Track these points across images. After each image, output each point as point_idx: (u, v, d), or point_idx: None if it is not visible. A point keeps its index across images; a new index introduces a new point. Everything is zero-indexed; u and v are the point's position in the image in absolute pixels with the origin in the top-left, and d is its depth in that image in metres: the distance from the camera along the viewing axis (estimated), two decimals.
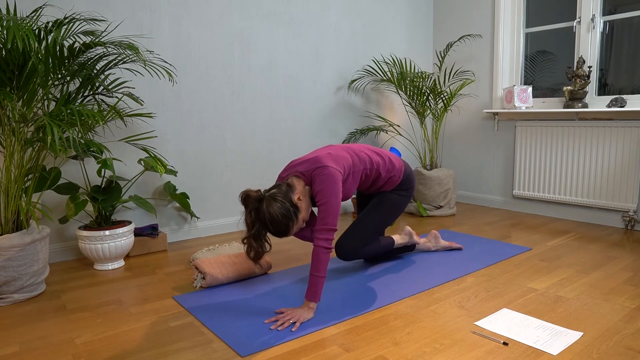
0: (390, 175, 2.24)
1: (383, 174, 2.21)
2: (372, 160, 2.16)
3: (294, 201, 1.83)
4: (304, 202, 1.89)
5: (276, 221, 1.78)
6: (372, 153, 2.20)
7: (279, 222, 1.79)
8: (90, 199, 2.40)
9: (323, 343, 1.61)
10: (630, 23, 3.17)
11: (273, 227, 1.80)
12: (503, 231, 3.11)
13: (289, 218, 1.80)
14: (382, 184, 2.25)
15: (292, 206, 1.82)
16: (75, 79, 2.27)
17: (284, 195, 1.82)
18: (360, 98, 3.86)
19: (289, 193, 1.84)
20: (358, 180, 2.10)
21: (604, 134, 3.19)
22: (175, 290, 2.13)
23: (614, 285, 2.10)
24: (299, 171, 1.95)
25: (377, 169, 2.17)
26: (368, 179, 2.19)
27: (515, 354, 1.52)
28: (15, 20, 1.76)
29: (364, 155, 2.14)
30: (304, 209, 1.89)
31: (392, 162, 2.25)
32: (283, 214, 1.79)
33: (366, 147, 2.23)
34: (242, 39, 3.15)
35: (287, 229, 1.82)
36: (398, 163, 2.28)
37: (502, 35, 3.77)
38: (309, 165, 1.93)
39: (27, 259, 2.00)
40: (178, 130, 2.95)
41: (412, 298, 2.00)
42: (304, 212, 1.88)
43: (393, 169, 2.24)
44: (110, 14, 2.63)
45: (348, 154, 2.08)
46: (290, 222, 1.81)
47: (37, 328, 1.77)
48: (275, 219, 1.78)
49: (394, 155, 2.32)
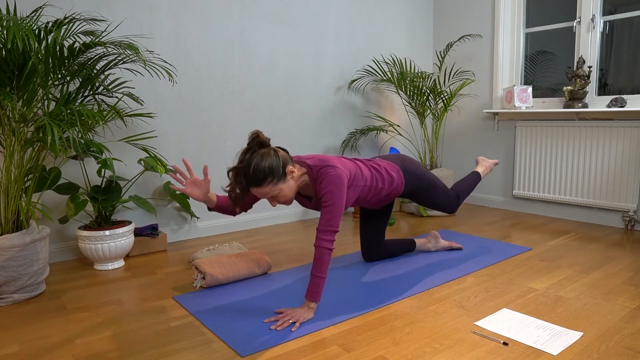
0: (392, 187, 2.21)
1: (385, 186, 2.18)
2: (373, 177, 2.13)
3: (287, 170, 1.80)
4: (292, 182, 1.84)
5: (259, 168, 1.71)
6: (370, 169, 2.16)
7: (261, 170, 1.72)
8: (90, 199, 2.40)
9: (323, 343, 1.61)
10: (630, 23, 3.17)
11: (252, 172, 1.72)
12: (503, 231, 3.11)
13: (270, 174, 1.73)
14: (385, 196, 2.23)
15: (283, 171, 1.78)
16: (75, 79, 2.27)
17: (284, 159, 1.79)
18: (360, 98, 3.86)
19: (289, 162, 1.81)
20: (356, 194, 2.07)
21: (604, 134, 3.19)
22: (175, 290, 2.13)
23: (614, 285, 2.10)
24: (305, 162, 1.93)
25: (376, 185, 2.14)
26: (370, 195, 2.15)
27: (515, 354, 1.52)
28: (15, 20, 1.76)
29: (367, 173, 2.10)
30: (289, 186, 1.83)
31: (390, 175, 2.20)
32: (270, 165, 1.73)
33: (364, 163, 2.18)
34: (242, 39, 3.15)
35: (261, 181, 1.73)
36: (397, 175, 2.23)
37: (502, 35, 3.77)
38: (317, 161, 1.92)
39: (27, 259, 2.00)
40: (178, 130, 2.95)
41: (412, 298, 2.00)
42: (286, 188, 1.81)
43: (392, 181, 2.21)
44: (110, 14, 2.64)
45: (354, 165, 2.07)
46: (268, 178, 1.73)
47: (37, 328, 1.77)
48: (260, 166, 1.72)
49: (390, 165, 2.25)
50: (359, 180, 2.05)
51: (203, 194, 1.89)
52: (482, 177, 2.70)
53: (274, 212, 3.45)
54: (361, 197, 2.12)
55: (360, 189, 2.07)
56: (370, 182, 2.11)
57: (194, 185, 1.88)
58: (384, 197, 2.23)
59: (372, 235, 2.44)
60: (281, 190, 1.81)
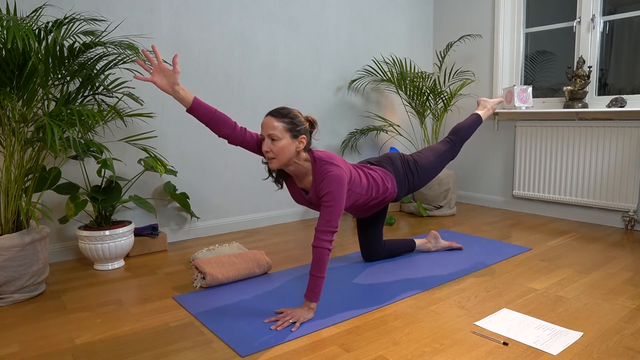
0: (385, 196, 2.21)
1: (379, 196, 2.18)
2: (370, 187, 2.12)
3: (301, 136, 1.88)
4: (294, 148, 1.88)
5: (288, 108, 1.90)
6: (368, 178, 2.14)
7: (289, 110, 1.89)
8: (90, 199, 2.40)
9: (323, 343, 1.61)
10: (630, 23, 3.17)
11: (281, 107, 1.90)
12: (503, 231, 3.11)
13: (291, 120, 1.87)
14: (376, 205, 2.23)
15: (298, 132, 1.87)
16: (75, 79, 2.27)
17: (305, 130, 1.91)
18: (360, 98, 3.86)
19: (307, 135, 1.92)
20: (350, 201, 2.06)
21: (604, 134, 3.19)
22: (175, 290, 2.13)
23: (614, 285, 2.10)
24: (313, 153, 1.93)
25: (370, 194, 2.13)
26: (363, 204, 2.15)
27: (515, 354, 1.52)
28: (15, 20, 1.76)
29: (364, 182, 2.09)
30: (290, 149, 1.87)
31: (385, 185, 2.19)
32: (296, 115, 1.89)
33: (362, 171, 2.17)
34: (242, 39, 3.15)
35: (282, 116, 1.86)
36: (391, 186, 2.22)
37: (502, 35, 3.77)
38: (324, 156, 1.91)
39: (27, 259, 2.00)
40: (178, 130, 2.95)
41: (412, 298, 2.00)
42: (286, 146, 1.85)
43: (386, 191, 2.20)
44: (110, 14, 2.64)
45: (355, 170, 2.07)
46: (287, 119, 1.86)
47: (37, 328, 1.77)
48: (290, 109, 1.90)
49: (385, 174, 2.23)
50: (356, 187, 2.05)
51: (170, 84, 1.79)
52: (483, 120, 2.62)
53: (274, 212, 3.45)
54: (355, 204, 2.11)
55: (355, 196, 2.07)
56: (367, 192, 2.11)
57: (161, 74, 1.78)
58: (372, 207, 2.23)
59: (370, 235, 2.44)
60: (282, 141, 1.85)
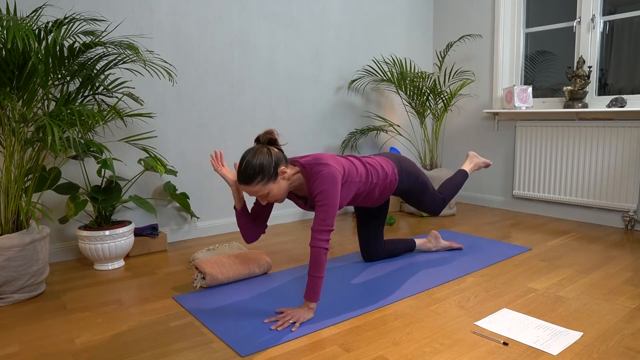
0: (386, 183, 2.21)
1: (380, 182, 2.17)
2: (368, 172, 2.12)
3: (279, 170, 1.82)
4: (283, 183, 1.86)
5: (251, 165, 1.77)
6: (365, 164, 2.15)
7: (252, 167, 1.77)
8: (90, 199, 2.40)
9: (323, 343, 1.61)
10: (630, 23, 3.17)
11: (243, 168, 1.78)
12: (503, 231, 3.11)
13: (261, 172, 1.77)
14: (380, 192, 2.23)
15: (274, 171, 1.81)
16: (75, 79, 2.27)
17: (277, 158, 1.82)
18: (360, 98, 3.86)
19: (282, 162, 1.84)
20: (352, 192, 2.06)
21: (604, 134, 3.19)
22: (175, 290, 2.13)
23: (614, 285, 2.10)
24: (299, 162, 1.93)
25: (371, 180, 2.13)
26: (366, 191, 2.15)
27: (515, 354, 1.52)
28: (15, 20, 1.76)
29: (362, 169, 2.10)
30: (280, 187, 1.85)
31: (384, 170, 2.19)
32: (261, 164, 1.77)
33: (358, 159, 2.18)
34: (242, 39, 3.15)
35: (251, 178, 1.77)
36: (391, 171, 2.22)
37: (502, 35, 3.77)
38: (311, 159, 1.92)
39: (27, 259, 2.00)
40: (178, 130, 2.95)
41: (412, 298, 2.00)
42: (276, 189, 1.84)
43: (386, 176, 2.20)
44: (110, 14, 2.64)
45: (348, 161, 2.07)
46: (259, 176, 1.77)
47: (37, 328, 1.77)
48: (252, 163, 1.77)
49: (385, 160, 2.25)
50: (353, 176, 2.04)
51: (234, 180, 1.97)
52: (469, 175, 2.64)
53: (274, 212, 3.45)
54: (358, 193, 2.11)
55: (356, 185, 2.06)
56: (366, 178, 2.11)
57: (226, 170, 2.00)
58: (379, 194, 2.22)
59: (370, 235, 2.44)
60: (271, 190, 1.83)
